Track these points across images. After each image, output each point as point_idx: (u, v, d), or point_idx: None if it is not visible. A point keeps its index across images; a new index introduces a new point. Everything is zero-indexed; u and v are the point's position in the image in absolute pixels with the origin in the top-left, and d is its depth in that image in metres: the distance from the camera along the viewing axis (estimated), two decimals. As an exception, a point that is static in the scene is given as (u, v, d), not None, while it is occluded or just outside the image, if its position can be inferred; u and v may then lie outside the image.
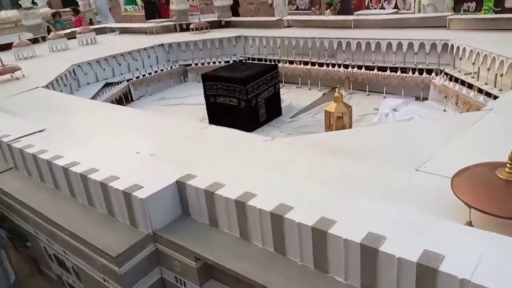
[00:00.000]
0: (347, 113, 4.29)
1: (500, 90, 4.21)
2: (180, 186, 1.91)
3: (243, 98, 4.75)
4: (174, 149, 2.71)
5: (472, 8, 8.88)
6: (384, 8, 10.23)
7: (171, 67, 7.20)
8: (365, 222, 1.45)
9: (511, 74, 4.07)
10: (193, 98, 6.34)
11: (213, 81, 4.98)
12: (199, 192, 1.84)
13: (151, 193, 1.83)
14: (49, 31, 10.00)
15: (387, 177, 2.11)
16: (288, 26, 7.93)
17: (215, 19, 8.65)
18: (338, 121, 4.34)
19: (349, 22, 6.98)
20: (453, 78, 4.88)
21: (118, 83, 6.38)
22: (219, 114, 5.12)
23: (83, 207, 2.20)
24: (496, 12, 8.59)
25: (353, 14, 7.78)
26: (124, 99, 6.42)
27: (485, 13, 8.69)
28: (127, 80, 6.56)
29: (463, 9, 9.05)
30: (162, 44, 7.35)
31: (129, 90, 6.60)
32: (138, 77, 6.68)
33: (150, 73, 6.83)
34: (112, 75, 6.68)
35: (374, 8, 10.46)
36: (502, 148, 1.72)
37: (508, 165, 1.63)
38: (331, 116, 4.40)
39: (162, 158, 2.56)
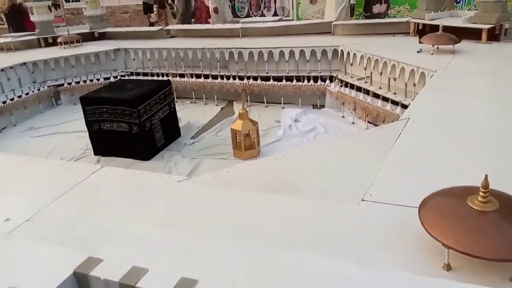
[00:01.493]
0: (254, 130, 4.00)
1: (395, 93, 4.33)
2: (80, 280, 1.33)
3: (135, 122, 4.12)
4: (60, 208, 2.06)
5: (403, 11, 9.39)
6: (264, 15, 10.33)
7: (38, 89, 6.12)
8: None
9: (403, 78, 4.20)
10: (69, 125, 5.44)
11: (95, 105, 4.25)
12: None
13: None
14: None
15: (333, 213, 1.81)
16: (171, 36, 7.42)
17: (87, 30, 7.71)
18: (246, 139, 4.03)
19: (237, 31, 6.76)
20: (348, 84, 4.92)
21: (-31, 113, 5.17)
22: (106, 143, 4.40)
23: None
24: (366, 17, 9.22)
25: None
26: (-21, 133, 5.23)
27: (356, 18, 9.26)
28: (-18, 109, 5.36)
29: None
30: (24, 63, 6.22)
31: (-14, 122, 5.40)
32: (-3, 104, 5.52)
33: (12, 99, 5.69)
34: (-41, 105, 5.41)
35: (255, 15, 10.50)
36: (442, 165, 1.51)
37: (481, 194, 1.43)
38: (237, 134, 4.07)
39: (44, 225, 1.91)
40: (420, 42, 4.88)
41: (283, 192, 2.02)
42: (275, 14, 10.24)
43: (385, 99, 4.30)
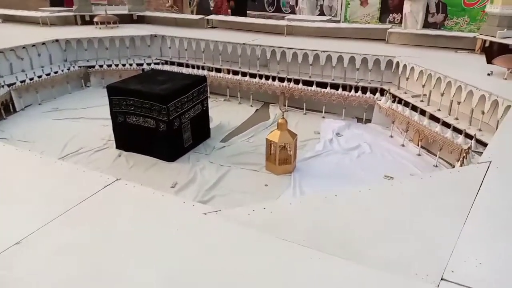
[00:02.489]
0: (292, 144, 3.56)
1: (456, 119, 3.79)
2: None
3: (163, 119, 3.75)
4: (57, 232, 1.69)
5: (398, 19, 8.79)
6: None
7: (68, 69, 5.85)
8: None
9: (469, 103, 3.65)
10: (95, 110, 5.13)
11: (122, 96, 3.89)
12: None
13: None
14: None
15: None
16: (212, 27, 7.03)
17: (126, 12, 7.41)
18: (282, 152, 3.59)
19: (281, 28, 6.29)
20: (402, 101, 4.38)
21: (-5, 88, 4.93)
22: (130, 138, 4.05)
23: None
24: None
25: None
26: (3, 109, 4.98)
27: (409, 26, 8.63)
28: (8, 85, 5.11)
29: (389, 19, 8.94)
30: (57, 40, 5.97)
31: (11, 98, 5.15)
32: (24, 81, 5.26)
33: (40, 76, 5.43)
34: (-13, 78, 5.19)
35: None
36: None
37: None
38: (272, 145, 3.63)
39: (35, 253, 1.54)
40: (489, 63, 4.30)
41: (333, 251, 1.57)
42: (322, 14, 9.72)
43: (446, 124, 3.76)
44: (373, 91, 4.82)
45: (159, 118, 3.77)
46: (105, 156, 4.06)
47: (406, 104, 4.29)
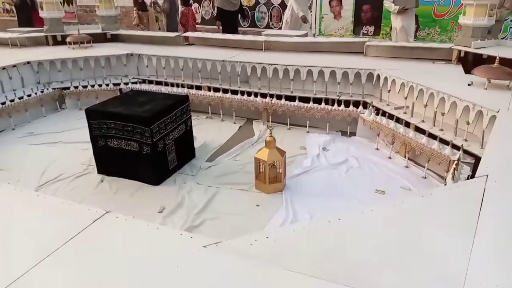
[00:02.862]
0: (282, 162, 3.50)
1: (441, 130, 3.82)
2: None
3: (146, 142, 3.62)
4: (43, 277, 1.56)
5: (371, 32, 8.97)
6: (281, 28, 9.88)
7: (42, 92, 5.64)
8: None
9: (453, 114, 3.70)
10: (73, 134, 4.95)
11: (102, 119, 3.75)
12: None
13: None
14: None
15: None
16: (189, 44, 6.95)
17: (99, 31, 7.25)
18: (271, 170, 3.53)
19: (259, 43, 6.28)
20: (385, 113, 4.41)
21: (-37, 114, 4.68)
22: (112, 161, 3.90)
23: None
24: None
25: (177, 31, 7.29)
26: (-27, 136, 4.74)
27: (383, 37, 8.82)
28: (-22, 110, 4.88)
29: (362, 32, 9.10)
30: (29, 62, 5.76)
31: (-18, 124, 4.91)
32: (-5, 105, 5.03)
33: (12, 100, 5.20)
34: (-45, 103, 4.93)
35: (274, 27, 10.06)
36: None
37: None
38: (261, 163, 3.57)
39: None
40: (468, 73, 4.39)
41: (346, 281, 1.50)
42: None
43: (431, 135, 3.79)
44: (356, 104, 4.84)
45: (143, 141, 3.65)
46: (87, 182, 3.89)
47: (390, 116, 4.31)
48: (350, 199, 3.41)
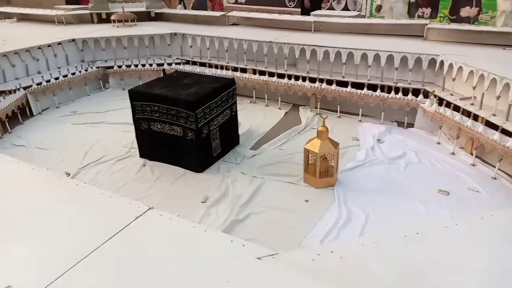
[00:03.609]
0: (335, 154, 3.21)
1: (517, 125, 3.39)
2: None
3: (191, 127, 3.43)
4: (80, 281, 1.38)
5: (427, 14, 8.34)
6: (334, 9, 9.39)
7: (86, 70, 5.57)
8: None
9: (533, 107, 3.25)
10: (116, 114, 4.85)
11: (146, 101, 3.58)
12: None
13: None
14: None
15: None
16: (234, 24, 6.68)
17: (143, 9, 7.12)
18: (323, 163, 3.24)
19: (308, 24, 5.92)
20: (450, 104, 3.98)
21: (11, 92, 4.66)
22: (155, 146, 3.74)
23: None
24: (452, 20, 8.14)
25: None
26: (20, 114, 4.71)
27: (440, 21, 8.19)
28: (24, 88, 4.85)
29: (418, 14, 8.48)
30: (74, 40, 5.70)
31: (27, 102, 4.88)
32: (40, 83, 4.99)
33: (57, 78, 5.16)
34: (2, 81, 4.94)
35: (323, 8, 9.58)
36: None
37: None
38: (311, 155, 3.29)
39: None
40: (549, 61, 3.88)
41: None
42: (346, 8, 9.30)
43: (505, 131, 3.36)
44: (415, 92, 4.43)
45: (187, 126, 3.45)
46: (128, 166, 3.76)
47: (456, 108, 3.89)
48: (411, 199, 3.07)
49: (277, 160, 3.78)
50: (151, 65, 5.76)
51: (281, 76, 5.11)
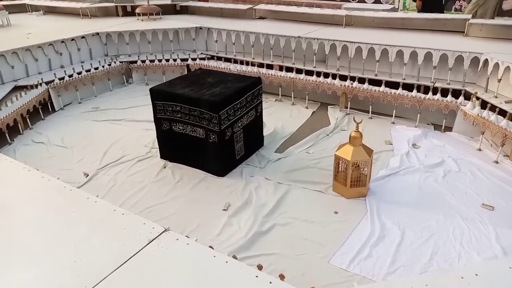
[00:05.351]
0: (369, 162, 2.95)
1: None
2: None
3: (213, 129, 3.24)
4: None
5: (465, 7, 7.84)
6: (365, 1, 8.99)
7: (109, 65, 5.46)
8: None
9: None
10: (138, 111, 4.72)
11: (167, 101, 3.41)
12: None
13: None
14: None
15: None
16: (261, 18, 6.44)
17: (168, 2, 6.96)
18: (354, 171, 3.00)
19: (339, 18, 5.62)
20: (495, 108, 3.65)
21: (33, 86, 4.59)
22: (176, 147, 3.58)
23: None
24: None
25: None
26: (41, 109, 4.65)
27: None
28: (47, 83, 4.77)
29: (455, 8, 8.01)
30: (97, 33, 5.60)
31: (50, 97, 4.81)
32: (63, 78, 4.90)
33: (80, 73, 5.07)
34: (25, 75, 4.88)
35: (353, 1, 9.19)
36: None
37: None
38: (342, 162, 3.05)
39: None
40: None
41: None
42: (377, 1, 8.88)
43: (560, 141, 3.03)
44: (454, 93, 4.10)
45: (210, 128, 3.26)
46: (149, 167, 3.62)
47: (501, 112, 3.56)
48: (451, 213, 2.80)
49: (303, 165, 3.56)
50: (175, 60, 5.60)
51: (309, 73, 4.86)
